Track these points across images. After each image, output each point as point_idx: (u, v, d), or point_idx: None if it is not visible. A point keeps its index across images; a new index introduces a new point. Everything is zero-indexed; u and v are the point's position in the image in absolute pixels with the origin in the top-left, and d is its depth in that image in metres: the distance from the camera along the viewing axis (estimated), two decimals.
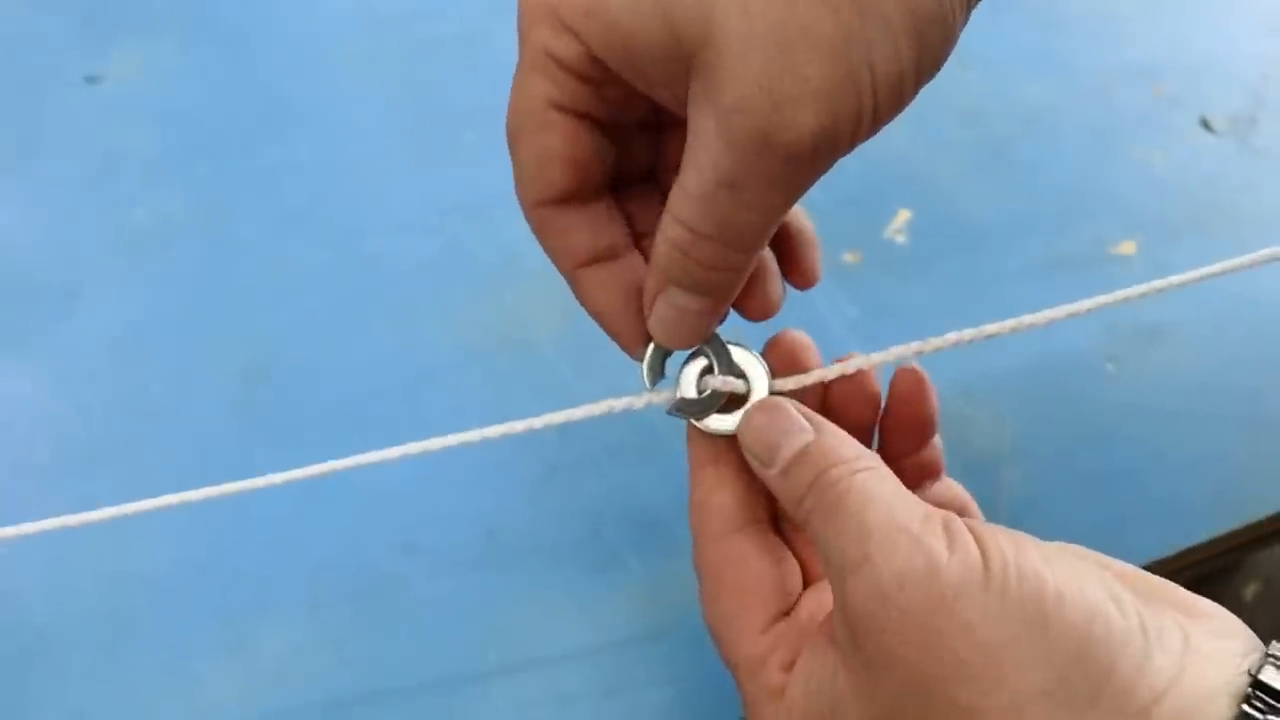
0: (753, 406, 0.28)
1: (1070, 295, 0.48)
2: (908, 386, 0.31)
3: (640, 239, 0.29)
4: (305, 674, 0.37)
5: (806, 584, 0.29)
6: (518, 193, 0.28)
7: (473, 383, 0.45)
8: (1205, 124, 0.55)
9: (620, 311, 0.28)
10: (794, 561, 0.29)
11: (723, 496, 0.28)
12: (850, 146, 0.24)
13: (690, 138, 0.24)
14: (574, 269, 0.28)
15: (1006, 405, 0.44)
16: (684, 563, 0.39)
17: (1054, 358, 0.46)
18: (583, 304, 0.29)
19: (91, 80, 0.57)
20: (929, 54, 0.23)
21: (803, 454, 0.26)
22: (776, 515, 0.29)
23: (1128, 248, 0.49)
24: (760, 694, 0.26)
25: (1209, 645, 0.23)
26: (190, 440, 0.43)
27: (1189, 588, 0.25)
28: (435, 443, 0.30)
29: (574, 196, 0.27)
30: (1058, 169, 0.53)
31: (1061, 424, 0.44)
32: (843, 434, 0.27)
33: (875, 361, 0.29)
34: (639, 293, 0.28)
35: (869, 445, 0.30)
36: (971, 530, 0.23)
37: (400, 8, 0.61)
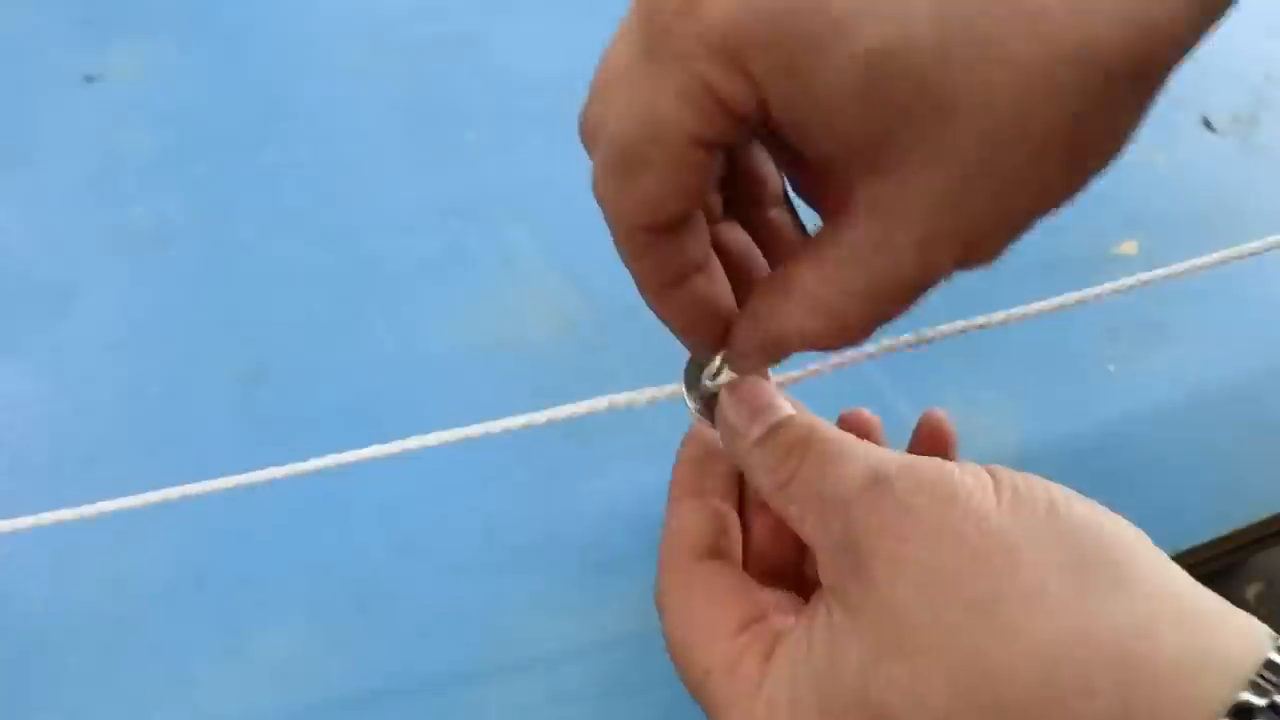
0: (741, 379, 0.27)
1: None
2: (931, 431, 0.30)
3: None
4: (304, 676, 0.37)
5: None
6: (617, 210, 0.25)
7: (473, 383, 0.45)
8: (1207, 123, 0.55)
9: (706, 323, 0.26)
10: (770, 593, 0.27)
11: (697, 526, 0.27)
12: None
13: (855, 227, 0.21)
14: (660, 290, 0.25)
15: (1008, 406, 0.44)
16: None
17: (1055, 358, 0.46)
18: (662, 318, 0.26)
19: (90, 79, 0.57)
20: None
21: (788, 420, 0.26)
22: (747, 565, 0.28)
23: (1129, 248, 0.49)
24: (737, 693, 0.24)
25: (1233, 618, 0.22)
26: (190, 440, 0.43)
27: None
28: (452, 434, 0.30)
29: (680, 222, 0.25)
30: None
31: (1063, 425, 0.44)
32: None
33: (873, 353, 0.29)
34: (718, 304, 0.25)
35: None
36: (979, 466, 0.24)
37: (400, 8, 0.61)
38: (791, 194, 0.27)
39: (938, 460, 0.23)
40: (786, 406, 0.26)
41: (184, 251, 0.50)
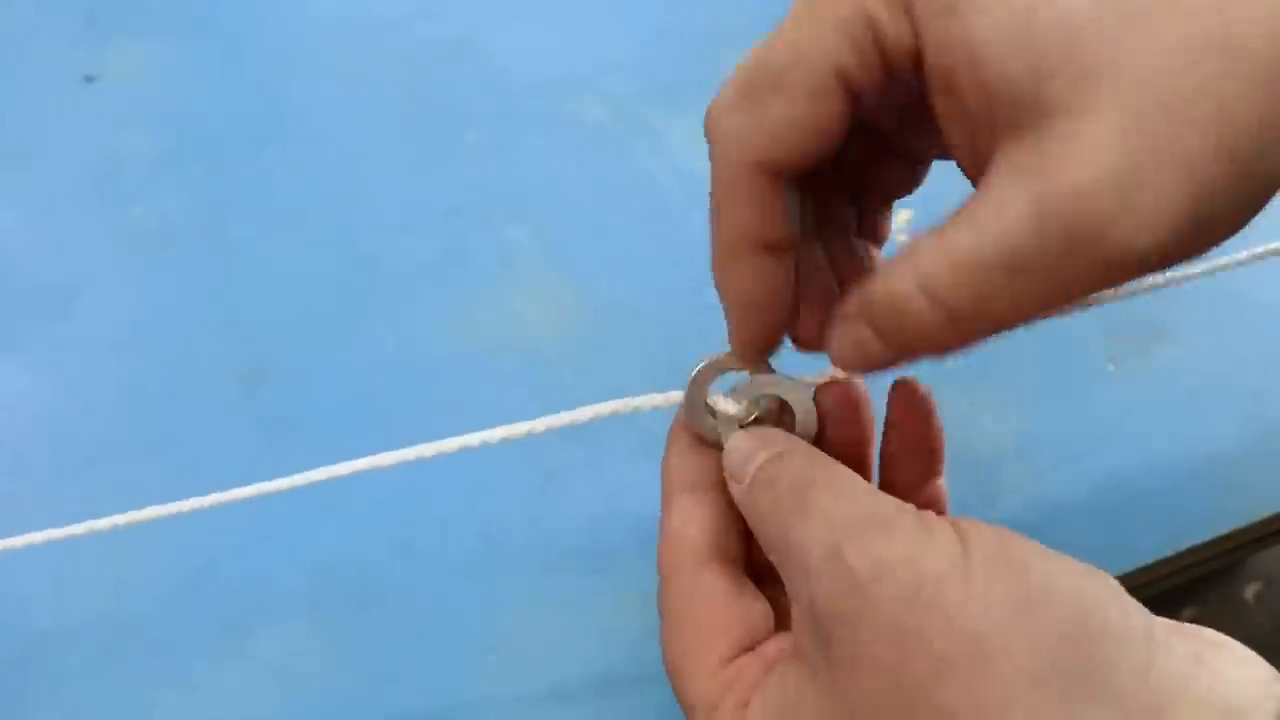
0: (746, 430, 0.26)
1: None
2: (904, 403, 0.28)
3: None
4: (304, 677, 0.37)
5: (778, 629, 0.26)
6: (736, 136, 0.23)
7: (473, 383, 0.45)
8: None
9: (758, 310, 0.25)
10: (765, 603, 0.26)
11: (697, 527, 0.26)
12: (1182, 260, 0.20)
13: (983, 193, 0.20)
14: (734, 253, 0.24)
15: (1007, 405, 0.44)
16: None
17: (1055, 358, 0.46)
18: (721, 287, 0.25)
19: (90, 79, 0.57)
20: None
21: (774, 460, 0.24)
22: (751, 558, 0.27)
23: None
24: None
25: (1228, 670, 0.20)
26: (190, 440, 0.43)
27: (1190, 587, 0.25)
28: (453, 443, 0.30)
29: (789, 175, 0.23)
30: None
31: (1062, 424, 0.44)
32: (827, 457, 0.24)
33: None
34: (777, 296, 0.25)
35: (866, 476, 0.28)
36: (952, 522, 0.21)
37: (400, 8, 0.61)
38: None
39: (906, 526, 0.21)
40: (783, 446, 0.25)
41: (184, 251, 0.50)
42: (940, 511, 0.28)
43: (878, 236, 0.28)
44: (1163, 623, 0.20)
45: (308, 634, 0.38)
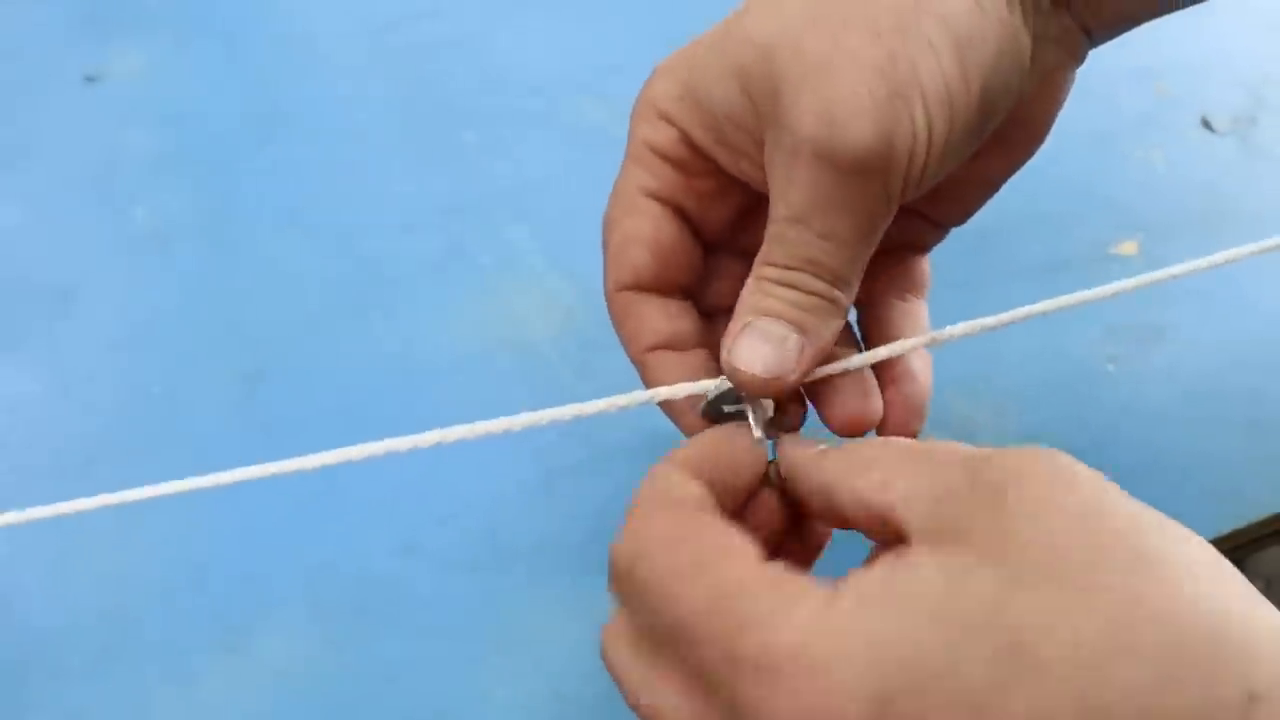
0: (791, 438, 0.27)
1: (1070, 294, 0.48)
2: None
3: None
4: (305, 675, 0.37)
5: None
6: (605, 280, 0.29)
7: (473, 383, 0.45)
8: (1206, 124, 0.55)
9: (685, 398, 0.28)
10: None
11: (679, 478, 0.25)
12: (910, 169, 0.24)
13: (770, 193, 0.25)
14: (643, 353, 0.29)
15: (1007, 406, 0.44)
16: None
17: (1055, 358, 0.46)
18: (649, 385, 0.29)
19: (91, 79, 0.57)
20: (977, 71, 0.24)
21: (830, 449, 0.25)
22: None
23: (1129, 248, 0.49)
24: (791, 594, 0.20)
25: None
26: (190, 440, 0.43)
27: None
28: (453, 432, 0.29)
29: (654, 286, 0.29)
30: (1058, 169, 0.53)
31: (1062, 425, 0.44)
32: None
33: (879, 356, 0.29)
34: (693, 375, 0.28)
35: None
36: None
37: (400, 8, 0.61)
38: None
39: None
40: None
41: (184, 251, 0.50)
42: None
43: (917, 287, 0.32)
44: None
45: (308, 634, 0.38)
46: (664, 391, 0.28)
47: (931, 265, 0.34)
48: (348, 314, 0.47)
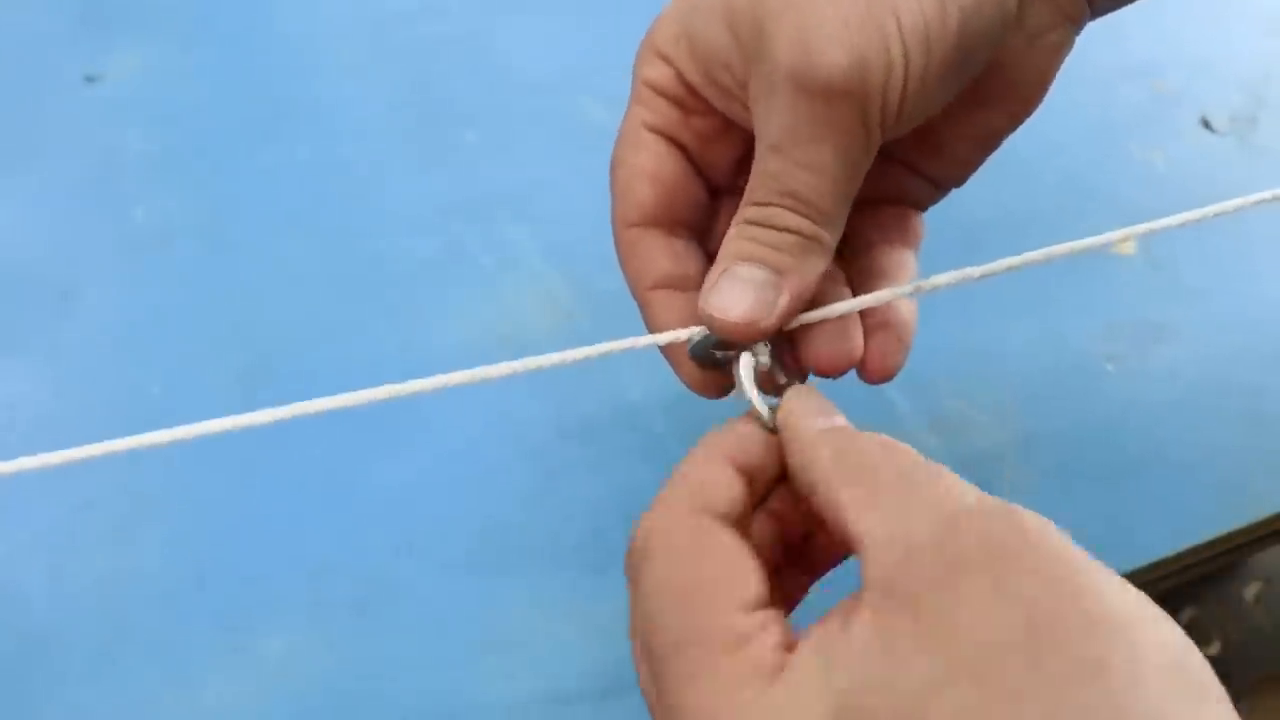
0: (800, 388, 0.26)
1: (1069, 294, 0.48)
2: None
3: None
4: (304, 675, 0.37)
5: None
6: (612, 218, 0.29)
7: (472, 384, 0.45)
8: (1205, 123, 0.55)
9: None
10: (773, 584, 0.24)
11: (727, 488, 0.24)
12: (886, 101, 0.24)
13: (755, 132, 0.26)
14: (647, 290, 0.29)
15: (1007, 404, 0.44)
16: None
17: (1054, 357, 0.46)
18: (649, 326, 0.29)
19: (91, 80, 0.57)
20: (956, 9, 0.24)
21: (834, 429, 0.25)
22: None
23: (1127, 247, 0.49)
24: (741, 674, 0.21)
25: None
26: (189, 441, 0.43)
27: (1189, 587, 0.25)
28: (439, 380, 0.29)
29: (659, 221, 0.29)
30: (1058, 167, 0.53)
31: (1062, 423, 0.44)
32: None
33: (865, 303, 0.28)
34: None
35: None
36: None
37: (401, 7, 0.61)
38: None
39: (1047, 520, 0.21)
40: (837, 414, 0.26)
41: (184, 252, 0.50)
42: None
43: (910, 239, 0.32)
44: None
45: (308, 633, 0.38)
46: (652, 338, 0.28)
47: (930, 262, 0.34)
48: (348, 314, 0.47)
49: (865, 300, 0.28)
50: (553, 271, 0.48)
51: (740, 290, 0.26)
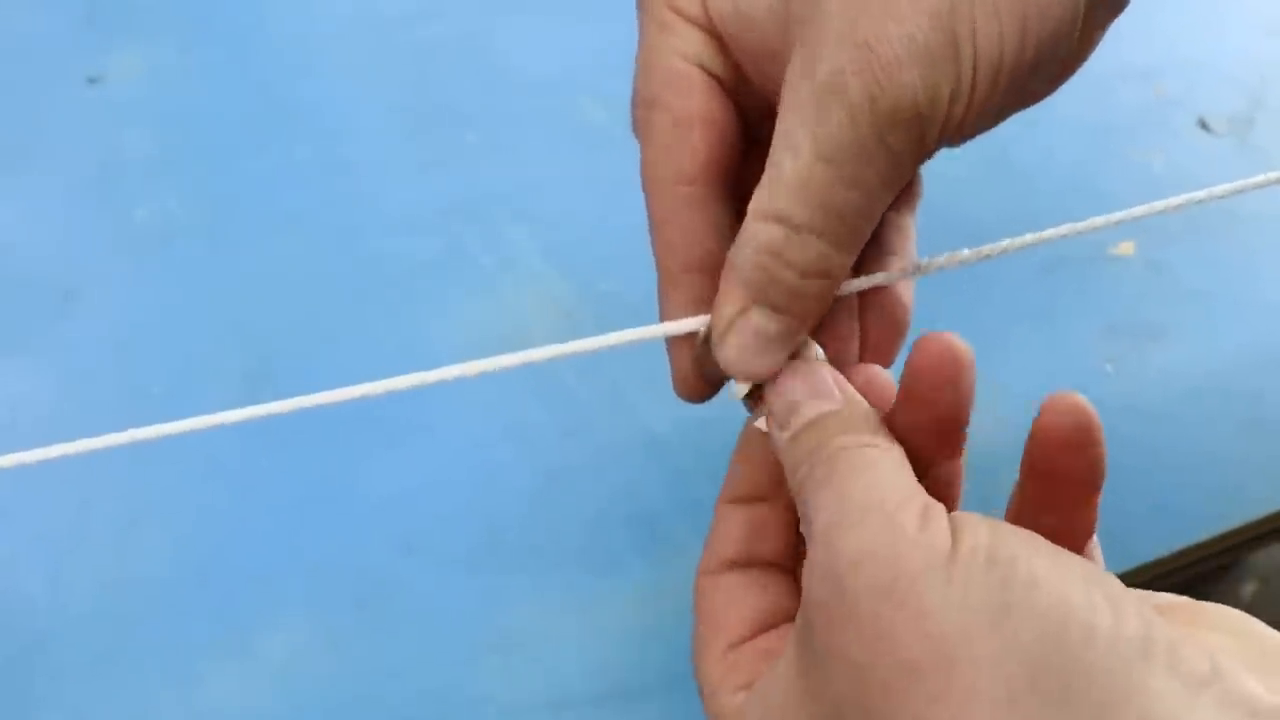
0: (788, 366, 0.24)
1: (1069, 295, 0.48)
2: (928, 364, 0.24)
3: None
4: (305, 675, 0.37)
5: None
6: (649, 172, 0.25)
7: (473, 382, 0.45)
8: (1203, 125, 0.55)
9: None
10: (780, 592, 0.25)
11: (727, 534, 0.26)
12: (946, 126, 0.22)
13: (782, 120, 0.23)
14: (680, 269, 0.26)
15: (1006, 405, 0.44)
16: (685, 565, 0.39)
17: (1054, 358, 0.46)
18: (667, 308, 0.26)
19: (93, 81, 0.58)
20: (1031, 42, 0.22)
21: (818, 420, 0.23)
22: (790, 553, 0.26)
23: (1126, 248, 0.50)
24: (717, 717, 0.24)
25: (1241, 687, 0.17)
26: (191, 440, 0.43)
27: (1188, 587, 0.24)
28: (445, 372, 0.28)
29: (713, 178, 0.25)
30: (1056, 169, 0.53)
31: None
32: (872, 413, 0.23)
33: (858, 286, 0.26)
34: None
35: None
36: (953, 517, 0.20)
37: (401, 8, 0.61)
38: None
39: (902, 518, 0.20)
40: (828, 401, 0.23)
41: (186, 252, 0.50)
42: (953, 497, 0.26)
43: (908, 199, 0.30)
44: (1167, 636, 0.18)
45: (308, 632, 0.38)
46: (661, 328, 0.26)
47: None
48: (348, 314, 0.47)
49: (861, 282, 0.26)
50: (553, 271, 0.49)
51: (759, 347, 0.24)
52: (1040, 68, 0.23)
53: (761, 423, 0.25)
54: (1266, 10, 0.61)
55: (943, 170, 0.28)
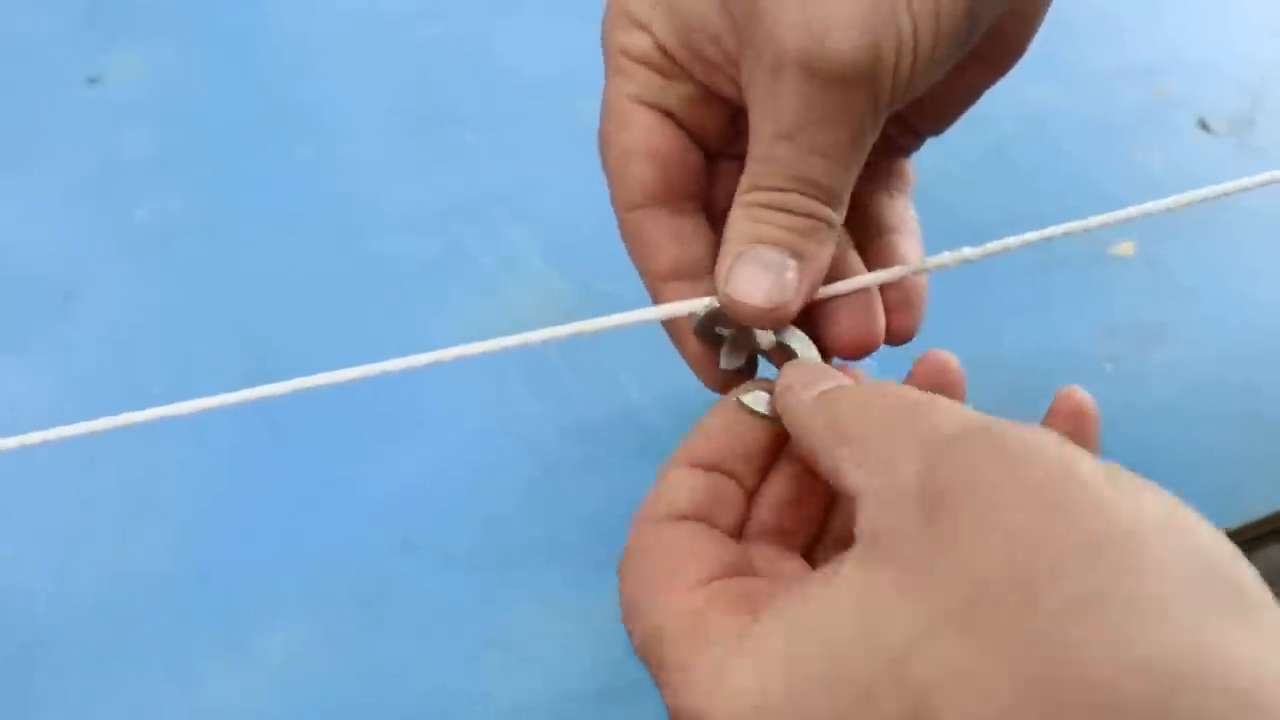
0: (806, 361, 0.26)
1: (1069, 295, 0.48)
2: (927, 368, 0.27)
3: None
4: (305, 674, 0.37)
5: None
6: (612, 201, 0.28)
7: (473, 382, 0.45)
8: (1204, 125, 0.55)
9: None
10: (747, 565, 0.24)
11: (684, 489, 0.25)
12: (898, 82, 0.24)
13: (749, 112, 0.24)
14: (659, 282, 0.28)
15: (1006, 406, 0.44)
16: None
17: (1054, 357, 0.46)
18: (663, 320, 0.28)
19: (93, 81, 0.58)
20: None
21: (861, 376, 0.25)
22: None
23: (1126, 248, 0.50)
24: (698, 647, 0.20)
25: None
26: (191, 441, 0.43)
27: None
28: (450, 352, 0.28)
29: (661, 199, 0.27)
30: (1057, 170, 0.53)
31: None
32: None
33: (884, 278, 0.28)
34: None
35: None
36: None
37: (401, 9, 0.61)
38: None
39: (1045, 428, 0.20)
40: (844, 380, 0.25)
41: (186, 252, 0.50)
42: None
43: (903, 185, 0.31)
44: None
45: (308, 631, 0.38)
46: (656, 310, 0.27)
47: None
48: (348, 314, 0.47)
49: (871, 279, 0.28)
50: (553, 271, 0.49)
51: (759, 274, 0.25)
52: (978, 7, 0.24)
53: (752, 398, 0.25)
54: (1267, 10, 0.61)
55: (944, 169, 0.28)
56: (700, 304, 0.26)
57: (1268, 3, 0.62)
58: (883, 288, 0.28)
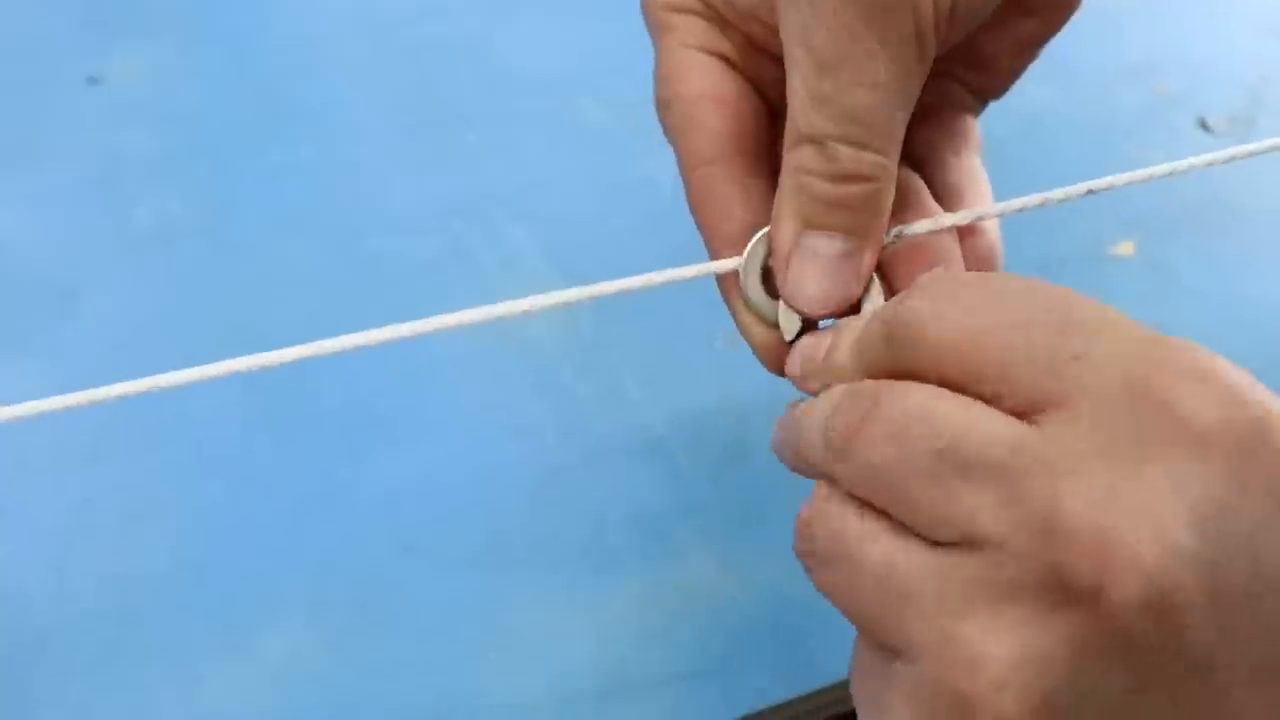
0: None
1: None
2: None
3: None
4: (306, 674, 0.37)
5: None
6: (680, 165, 0.26)
7: (473, 382, 0.45)
8: (1203, 124, 0.55)
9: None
10: None
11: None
12: (940, 8, 0.23)
13: (786, 54, 0.23)
14: (729, 248, 0.26)
15: None
16: (685, 564, 0.39)
17: None
18: (725, 295, 0.27)
19: (93, 81, 0.58)
20: None
21: None
22: None
23: (1126, 249, 0.50)
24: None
25: None
26: (191, 440, 0.43)
27: None
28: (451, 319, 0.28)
29: (733, 152, 0.26)
30: (1056, 169, 0.53)
31: None
32: None
33: (922, 229, 0.26)
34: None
35: None
36: None
37: (402, 9, 0.61)
38: None
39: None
40: None
41: (186, 252, 0.50)
42: None
43: (970, 143, 0.30)
44: None
45: (308, 632, 0.38)
46: (704, 267, 0.26)
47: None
48: (349, 314, 0.47)
49: (948, 219, 0.27)
50: (553, 271, 0.49)
51: (819, 271, 0.24)
52: None
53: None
54: (1267, 10, 0.61)
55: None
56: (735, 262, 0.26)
57: (1268, 2, 0.62)
58: (963, 250, 0.27)
